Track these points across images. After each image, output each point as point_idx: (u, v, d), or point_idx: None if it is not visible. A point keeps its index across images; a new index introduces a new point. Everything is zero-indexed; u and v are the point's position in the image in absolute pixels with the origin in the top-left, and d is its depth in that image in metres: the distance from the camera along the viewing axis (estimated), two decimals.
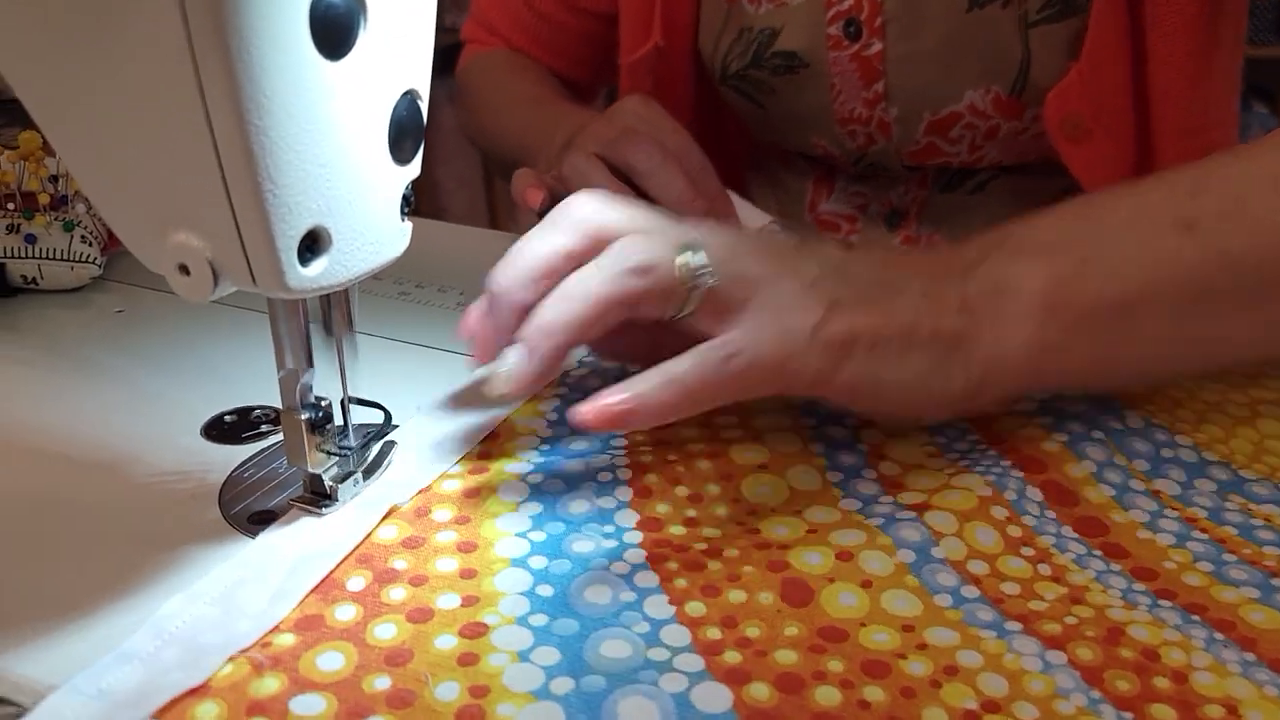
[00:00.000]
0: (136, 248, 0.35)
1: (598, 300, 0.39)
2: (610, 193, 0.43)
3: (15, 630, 0.34)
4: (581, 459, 0.44)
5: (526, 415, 0.47)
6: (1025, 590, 0.38)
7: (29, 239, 0.57)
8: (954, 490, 0.42)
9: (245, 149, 0.30)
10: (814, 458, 0.45)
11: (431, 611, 0.35)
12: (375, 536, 0.39)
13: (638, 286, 0.39)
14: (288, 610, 0.35)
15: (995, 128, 0.73)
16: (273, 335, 0.37)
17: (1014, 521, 0.41)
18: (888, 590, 0.37)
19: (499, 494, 0.41)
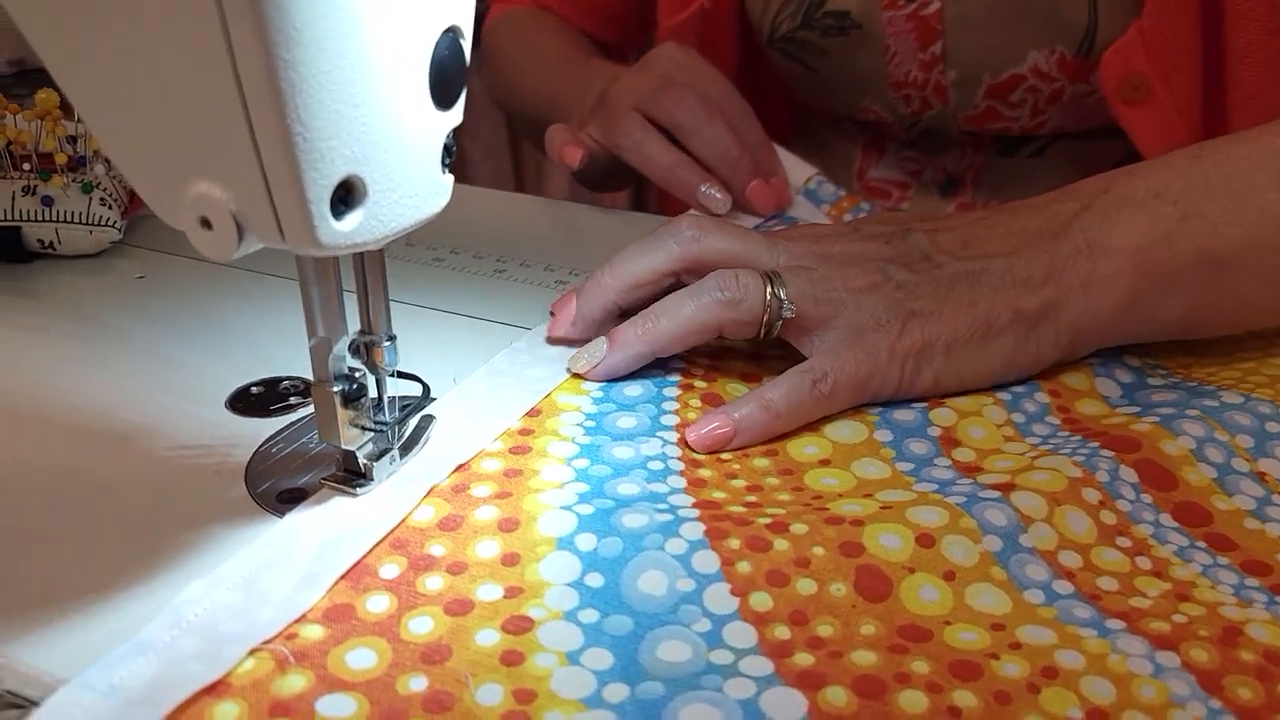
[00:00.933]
0: (154, 201, 0.31)
1: (688, 323, 0.43)
2: (709, 219, 0.47)
3: (25, 617, 0.32)
4: (629, 443, 0.41)
5: (570, 391, 0.44)
6: (1124, 585, 0.34)
7: (46, 201, 0.55)
8: (1040, 471, 0.38)
9: (273, 87, 0.27)
10: (880, 449, 0.42)
11: (471, 603, 0.32)
12: (411, 519, 0.35)
13: (725, 317, 0.43)
14: (316, 598, 0.32)
15: (1059, 91, 0.69)
16: (303, 300, 0.34)
17: (1108, 506, 0.37)
18: (973, 584, 0.34)
19: (542, 473, 0.38)
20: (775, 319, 0.43)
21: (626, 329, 0.44)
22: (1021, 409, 0.44)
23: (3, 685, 0.30)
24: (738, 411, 0.41)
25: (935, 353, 0.43)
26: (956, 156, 0.77)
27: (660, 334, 0.43)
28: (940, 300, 0.44)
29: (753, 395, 0.42)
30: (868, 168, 0.81)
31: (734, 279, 0.43)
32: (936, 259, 0.45)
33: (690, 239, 0.45)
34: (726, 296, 0.43)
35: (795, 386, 0.42)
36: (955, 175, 0.77)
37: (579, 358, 0.44)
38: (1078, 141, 0.74)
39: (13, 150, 0.55)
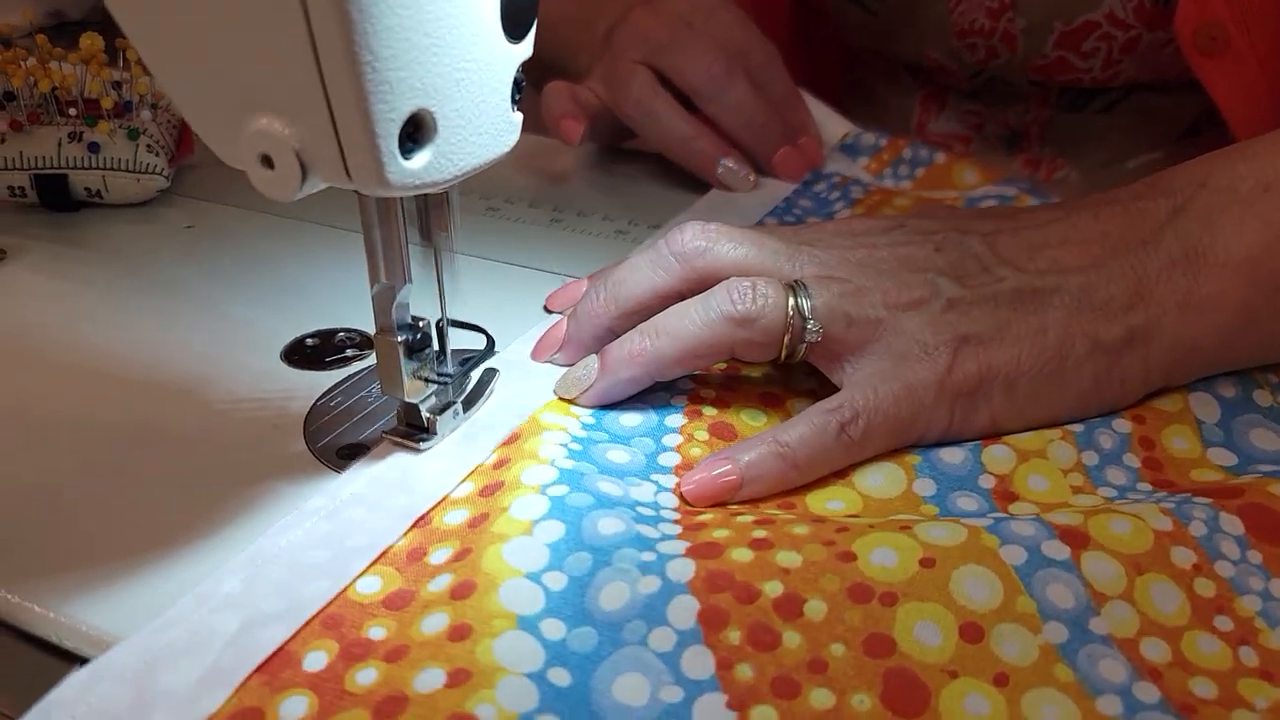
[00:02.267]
0: (211, 137, 0.30)
1: (691, 343, 0.36)
2: (717, 225, 0.39)
3: (83, 573, 0.30)
4: (618, 481, 0.33)
5: (556, 411, 0.37)
6: (1225, 692, 0.27)
7: (92, 148, 0.53)
8: (1119, 518, 0.31)
9: (341, 11, 0.25)
10: (921, 504, 0.34)
11: (406, 699, 0.25)
12: (354, 590, 0.29)
13: (736, 336, 0.36)
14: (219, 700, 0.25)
15: (1135, 39, 0.66)
16: (365, 244, 0.33)
17: (1205, 572, 0.30)
18: (1032, 690, 0.27)
19: (511, 509, 0.31)
20: (799, 340, 0.36)
21: (620, 348, 0.37)
22: (1095, 444, 0.36)
23: (62, 642, 0.29)
24: (746, 455, 0.34)
25: (994, 389, 0.36)
26: (1020, 110, 0.73)
27: (658, 356, 0.36)
28: (1001, 324, 0.36)
29: (765, 436, 0.35)
30: (927, 121, 0.78)
31: (750, 289, 0.36)
32: (996, 270, 0.38)
33: (695, 253, 0.38)
34: (740, 311, 0.35)
35: (818, 430, 0.35)
36: (1019, 130, 0.74)
37: (567, 381, 0.38)
38: (1150, 96, 0.70)
39: (58, 95, 0.53)
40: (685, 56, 0.55)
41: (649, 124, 0.56)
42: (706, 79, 0.55)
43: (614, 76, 0.57)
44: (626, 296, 0.38)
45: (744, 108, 0.56)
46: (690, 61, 0.55)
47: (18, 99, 0.53)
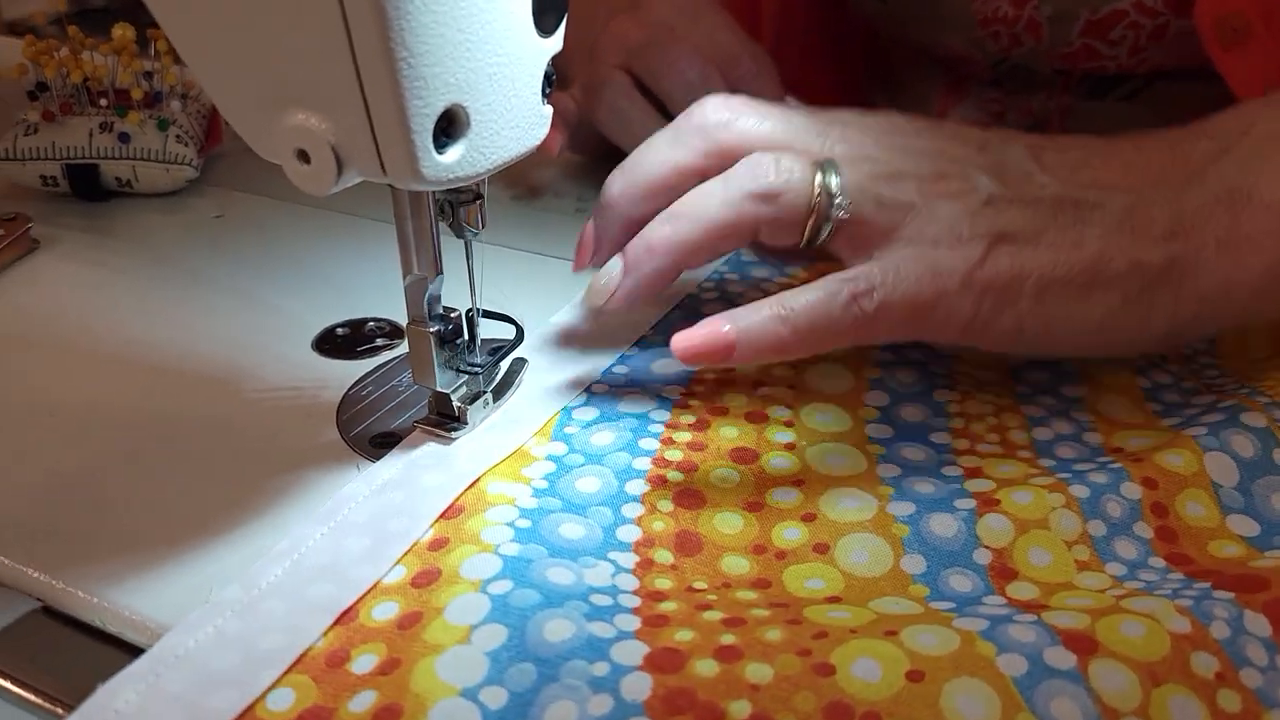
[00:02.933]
0: (248, 132, 0.30)
1: (711, 224, 0.34)
2: (741, 98, 0.37)
3: (125, 560, 0.31)
4: (570, 565, 0.29)
5: (504, 478, 0.33)
6: None
7: (123, 138, 0.54)
8: (1131, 619, 0.27)
9: (377, 8, 0.25)
10: (910, 584, 0.31)
11: None
12: (263, 706, 0.25)
13: (760, 213, 0.34)
14: None
15: (1164, 27, 0.65)
16: (398, 236, 0.33)
17: (1229, 682, 0.26)
18: None
19: (446, 612, 0.27)
20: (824, 219, 0.34)
21: (640, 241, 0.35)
22: (1102, 512, 0.32)
23: (106, 627, 0.30)
24: (745, 319, 0.32)
25: (1024, 291, 0.34)
26: (1043, 98, 0.72)
27: (680, 242, 0.34)
28: (1039, 227, 0.35)
29: (772, 300, 0.33)
30: (948, 108, 0.77)
31: (773, 163, 0.34)
32: (1038, 177, 0.36)
33: (717, 125, 0.36)
34: (762, 186, 0.34)
35: (828, 296, 0.32)
36: (1041, 117, 0.73)
37: (593, 289, 0.37)
38: (1173, 85, 0.69)
39: (89, 86, 0.54)
40: (661, 60, 0.52)
41: (621, 130, 0.52)
42: (680, 84, 0.50)
43: (590, 82, 0.54)
44: (646, 175, 0.37)
45: None
46: (666, 66, 0.51)
47: (50, 90, 0.54)
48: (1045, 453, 0.36)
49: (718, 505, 0.33)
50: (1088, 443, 0.36)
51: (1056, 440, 0.37)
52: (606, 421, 0.36)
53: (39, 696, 0.28)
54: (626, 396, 0.38)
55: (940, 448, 0.36)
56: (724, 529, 0.32)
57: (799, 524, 0.32)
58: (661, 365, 0.39)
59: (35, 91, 0.54)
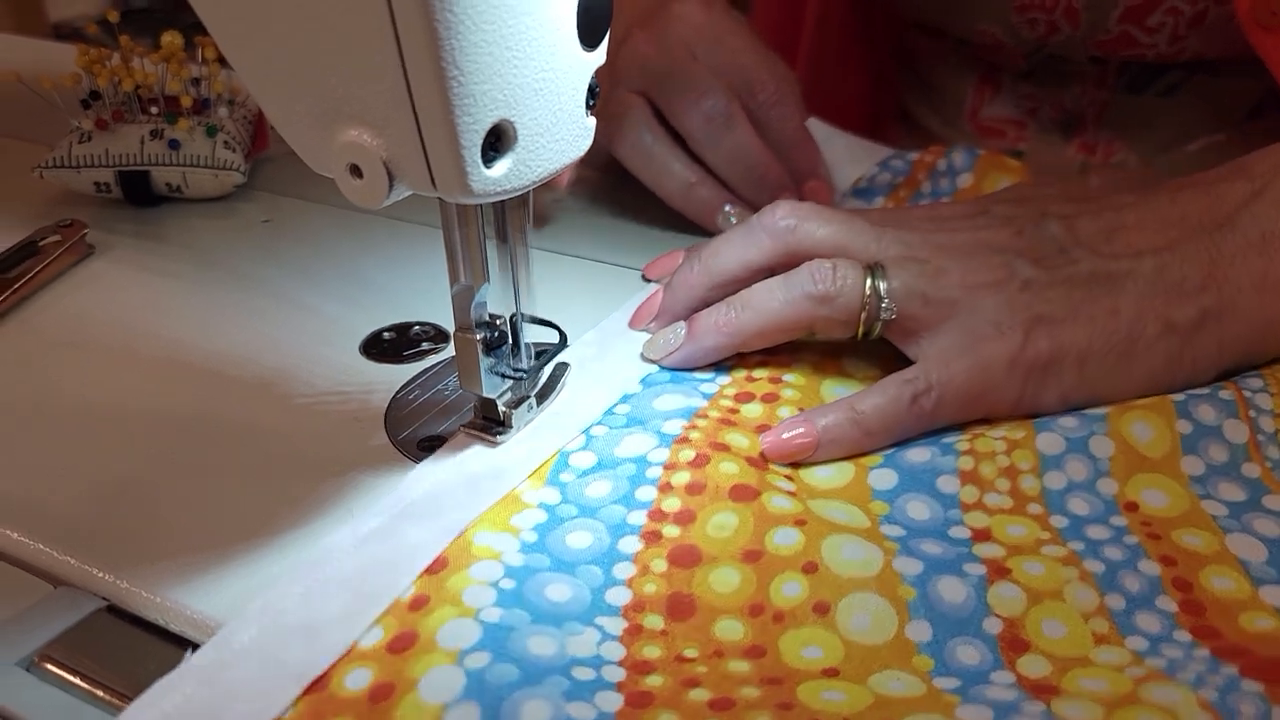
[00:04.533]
0: (302, 148, 0.31)
1: (773, 318, 0.39)
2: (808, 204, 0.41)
3: (185, 560, 0.32)
4: (553, 633, 0.29)
5: (492, 528, 0.32)
6: None
7: (172, 145, 0.55)
8: (1148, 714, 0.25)
9: (429, 28, 0.26)
10: (914, 654, 0.29)
11: None
12: None
13: (816, 314, 0.38)
14: None
15: (1203, 13, 0.64)
16: (445, 247, 0.34)
17: None
18: None
19: (420, 690, 0.26)
20: (875, 318, 0.38)
21: (706, 318, 0.40)
22: (1120, 586, 0.31)
23: (169, 626, 0.31)
24: (823, 419, 0.36)
25: (1065, 367, 0.37)
26: (1077, 93, 0.72)
27: (742, 327, 0.39)
28: (1074, 304, 0.37)
29: (842, 404, 0.37)
30: (980, 105, 0.76)
31: (830, 270, 0.38)
32: (1073, 253, 0.39)
33: (785, 230, 0.40)
34: (820, 290, 0.38)
35: (893, 400, 0.37)
36: (1076, 113, 0.73)
37: (654, 344, 0.41)
38: (1212, 79, 0.68)
39: (140, 94, 0.55)
40: (682, 94, 0.51)
41: (644, 166, 0.52)
42: (702, 122, 0.50)
43: (608, 109, 0.53)
44: (719, 269, 0.41)
45: (741, 155, 0.51)
46: (686, 101, 0.51)
47: (103, 98, 0.55)
48: (1056, 507, 0.34)
49: (714, 560, 0.31)
50: (1101, 492, 0.34)
51: (1069, 490, 0.35)
52: (604, 470, 0.35)
53: (105, 692, 0.29)
54: (627, 439, 0.36)
55: (946, 500, 0.35)
56: (719, 588, 0.31)
57: (799, 576, 0.31)
58: (664, 402, 0.38)
59: (88, 100, 0.55)
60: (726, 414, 0.38)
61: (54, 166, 0.55)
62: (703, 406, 0.38)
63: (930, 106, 0.80)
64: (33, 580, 0.33)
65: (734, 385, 0.39)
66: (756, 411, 0.38)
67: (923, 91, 0.81)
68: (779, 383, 0.40)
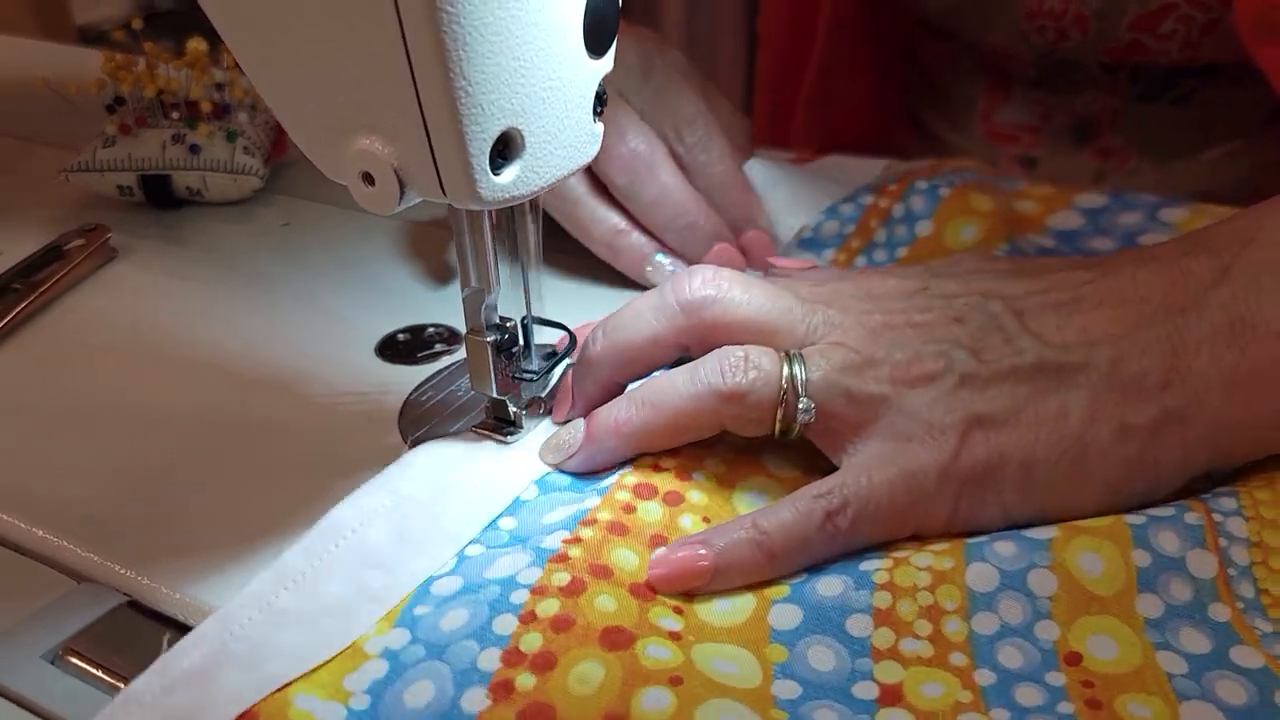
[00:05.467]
0: (316, 155, 0.32)
1: (676, 417, 0.34)
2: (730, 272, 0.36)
3: (202, 557, 0.33)
4: None
5: (321, 692, 0.28)
6: None
7: (193, 149, 0.56)
8: None
9: (437, 40, 0.27)
10: None
11: None
12: None
13: (726, 413, 0.34)
14: None
15: (1215, 21, 0.64)
16: (456, 251, 0.35)
17: None
18: None
19: None
20: (792, 418, 0.33)
21: (605, 416, 0.35)
22: None
23: (188, 621, 0.32)
24: (721, 540, 0.32)
25: (1006, 477, 0.32)
26: (1089, 100, 0.71)
27: (642, 427, 0.34)
28: (1017, 404, 0.33)
29: (744, 521, 0.32)
30: (992, 111, 0.76)
31: (742, 361, 0.33)
32: (1018, 342, 0.34)
33: (701, 302, 0.35)
34: (729, 386, 0.33)
35: (802, 518, 0.32)
36: (1089, 120, 0.72)
37: (550, 446, 0.36)
38: (1226, 88, 0.68)
39: (163, 99, 0.56)
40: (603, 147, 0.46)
41: (570, 216, 0.48)
42: (622, 167, 0.46)
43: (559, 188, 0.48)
44: (622, 344, 0.36)
45: (666, 202, 0.47)
46: (607, 145, 0.44)
47: (127, 104, 0.56)
48: (984, 659, 0.29)
49: None
50: (1039, 639, 0.29)
51: (1001, 636, 0.30)
52: (466, 595, 0.30)
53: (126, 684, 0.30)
54: (501, 560, 0.31)
55: (855, 646, 0.30)
56: None
57: None
58: (555, 515, 0.33)
59: (113, 105, 0.56)
60: (620, 514, 0.33)
61: (79, 170, 0.56)
62: (595, 505, 0.33)
63: (940, 112, 0.80)
64: (57, 576, 0.34)
65: (637, 473, 0.35)
66: (655, 515, 0.33)
67: (933, 97, 0.80)
68: (687, 480, 0.35)
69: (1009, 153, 0.74)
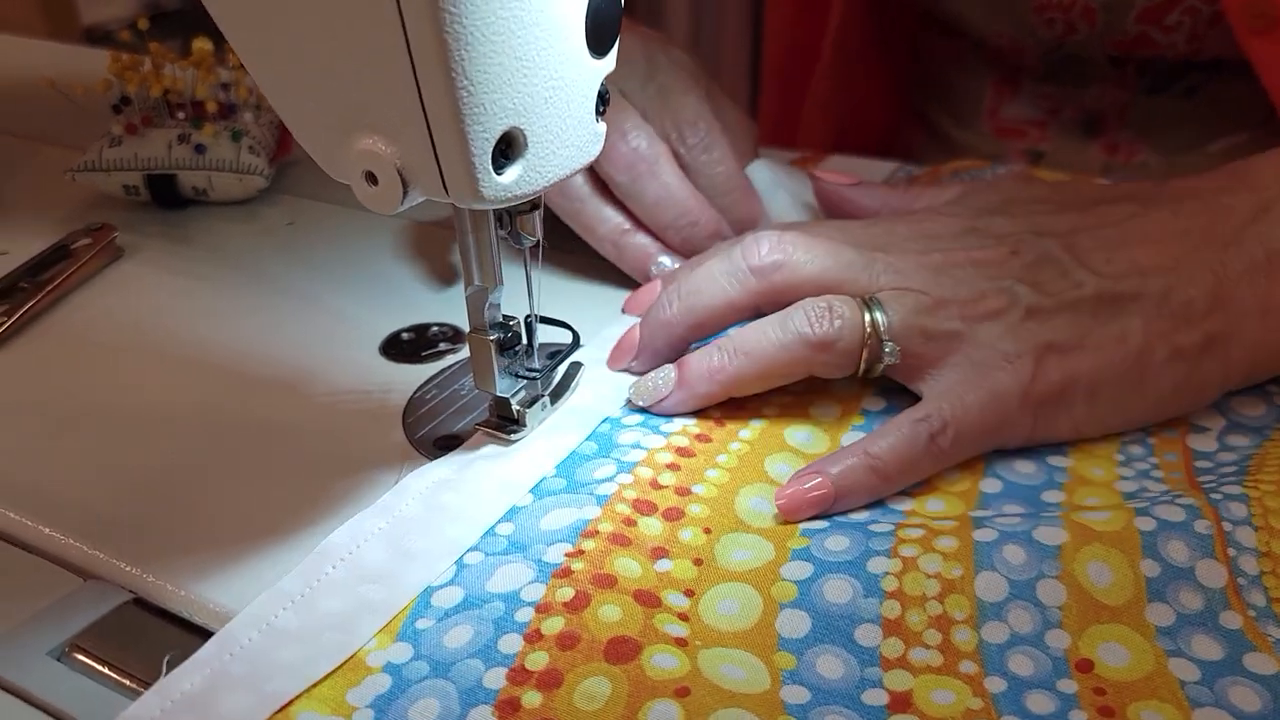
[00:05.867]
0: (319, 155, 0.32)
1: (769, 364, 0.37)
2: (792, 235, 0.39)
3: (207, 555, 0.33)
4: None
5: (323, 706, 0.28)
6: None
7: (199, 149, 0.56)
8: None
9: (439, 40, 0.27)
10: None
11: None
12: None
13: (815, 360, 0.37)
14: None
15: (1221, 14, 0.64)
16: (459, 250, 0.35)
17: None
18: None
19: None
20: (876, 359, 0.36)
21: (699, 364, 0.37)
22: None
23: (192, 618, 0.32)
24: (836, 467, 0.35)
25: (1077, 397, 0.36)
26: (1097, 93, 0.71)
27: (736, 375, 0.37)
28: (1082, 332, 0.37)
29: (855, 449, 0.35)
30: (1000, 106, 0.76)
31: (826, 311, 0.36)
32: (1074, 275, 0.37)
33: (772, 266, 0.38)
34: (818, 335, 0.36)
35: (909, 440, 0.35)
36: (1097, 114, 0.72)
37: (642, 388, 0.38)
38: (1233, 81, 0.67)
39: (169, 99, 0.57)
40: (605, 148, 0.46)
41: (575, 215, 0.48)
42: (624, 167, 0.46)
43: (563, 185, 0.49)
44: (700, 308, 0.39)
45: (665, 204, 0.46)
46: (606, 154, 0.45)
47: (134, 104, 0.56)
48: (995, 666, 0.29)
49: None
50: (1050, 648, 0.29)
51: (1011, 644, 0.30)
52: (469, 609, 0.30)
53: (132, 681, 0.30)
54: (501, 570, 0.31)
55: (864, 655, 0.30)
56: None
57: None
58: (553, 519, 0.33)
59: (119, 105, 0.57)
60: (622, 526, 0.33)
61: (85, 170, 0.57)
62: (595, 517, 0.33)
63: (948, 108, 0.80)
64: (63, 574, 0.34)
65: (636, 488, 0.34)
66: (656, 529, 0.33)
67: (941, 93, 0.80)
68: (686, 494, 0.35)
69: (1017, 147, 0.74)
